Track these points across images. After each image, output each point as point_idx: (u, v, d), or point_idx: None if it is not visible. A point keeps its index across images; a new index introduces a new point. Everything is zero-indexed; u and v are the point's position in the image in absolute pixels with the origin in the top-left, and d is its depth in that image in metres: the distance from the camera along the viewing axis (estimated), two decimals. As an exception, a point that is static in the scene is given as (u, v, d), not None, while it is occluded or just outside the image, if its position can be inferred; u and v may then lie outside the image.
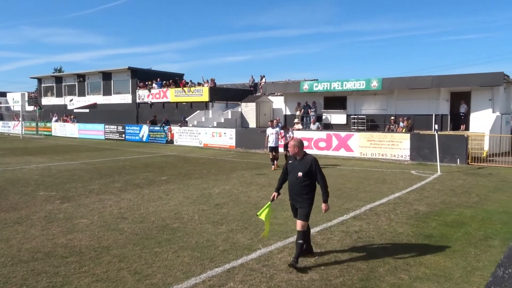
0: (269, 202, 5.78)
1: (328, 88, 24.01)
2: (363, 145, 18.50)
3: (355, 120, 23.94)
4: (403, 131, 19.54)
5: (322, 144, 19.61)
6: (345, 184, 11.94)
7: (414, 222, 7.75)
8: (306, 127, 23.92)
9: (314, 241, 6.52)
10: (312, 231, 7.10)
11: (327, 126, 24.72)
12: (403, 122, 20.33)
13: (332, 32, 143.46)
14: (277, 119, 20.01)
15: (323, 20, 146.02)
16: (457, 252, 6.07)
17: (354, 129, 23.11)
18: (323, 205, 5.61)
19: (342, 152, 18.97)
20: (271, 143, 15.56)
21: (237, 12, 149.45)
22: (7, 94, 51.34)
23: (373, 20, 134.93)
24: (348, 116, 24.75)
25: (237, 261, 5.65)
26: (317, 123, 23.28)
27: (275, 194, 5.93)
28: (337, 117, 25.25)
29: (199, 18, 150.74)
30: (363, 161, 17.59)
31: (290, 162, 5.85)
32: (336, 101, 25.27)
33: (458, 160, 16.09)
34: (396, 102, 23.17)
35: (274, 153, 15.37)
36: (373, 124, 23.71)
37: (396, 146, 17.63)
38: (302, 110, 25.41)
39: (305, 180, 5.57)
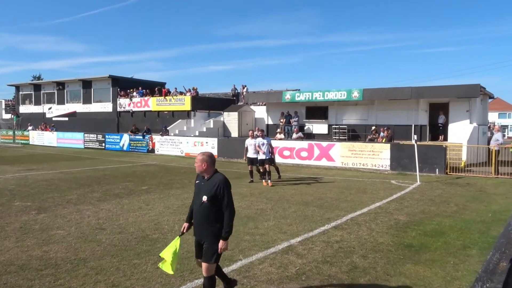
0: (178, 237, 4.54)
1: (310, 98, 24.20)
2: (345, 154, 18.63)
3: (336, 130, 24.15)
4: (383, 141, 19.78)
5: (304, 154, 19.68)
6: (326, 193, 11.98)
7: (394, 231, 7.80)
8: (288, 136, 24.01)
9: (296, 251, 6.50)
10: (293, 241, 7.10)
11: (309, 136, 24.86)
12: (383, 132, 20.59)
13: (314, 43, 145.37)
14: (258, 128, 19.50)
15: (305, 31, 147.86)
16: (436, 261, 6.12)
17: (335, 139, 23.30)
18: (220, 243, 4.28)
19: (324, 162, 19.06)
20: (264, 155, 13.84)
21: (219, 22, 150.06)
22: (-17, 101, 50.15)
23: (355, 32, 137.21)
24: (329, 126, 24.96)
25: (217, 273, 5.56)
26: (299, 133, 23.40)
27: (186, 225, 4.63)
28: (319, 127, 25.44)
29: (181, 27, 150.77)
30: (344, 171, 17.70)
31: (197, 182, 4.57)
32: (317, 111, 25.48)
33: (437, 170, 16.34)
34: (377, 112, 23.48)
35: (265, 166, 13.71)
36: (354, 134, 23.94)
37: (376, 156, 17.81)
38: (284, 119, 25.52)
39: (211, 206, 4.31)
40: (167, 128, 27.21)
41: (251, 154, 14.25)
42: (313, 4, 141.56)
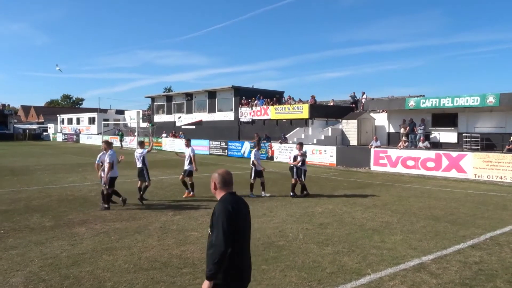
0: None
1: (437, 105, 22.55)
2: (478, 166, 16.98)
3: (467, 139, 22.13)
4: (526, 151, 17.57)
5: (431, 164, 18.41)
6: (459, 208, 11.04)
7: (546, 256, 6.87)
8: (411, 145, 22.72)
9: (429, 270, 6.10)
10: (425, 258, 6.69)
11: (436, 145, 23.19)
12: (526, 142, 18.31)
13: (439, 44, 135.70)
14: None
15: (428, 32, 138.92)
16: None
17: (466, 148, 21.37)
18: (204, 284, 3.20)
19: (453, 173, 17.60)
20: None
21: (335, 28, 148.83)
22: (125, 112, 56.98)
23: (486, 29, 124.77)
24: (459, 134, 22.98)
25: (346, 286, 5.49)
26: (426, 142, 21.98)
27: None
28: (447, 136, 23.57)
29: (297, 35, 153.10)
30: (478, 184, 16.13)
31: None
32: (445, 118, 23.63)
33: None
34: (517, 119, 20.99)
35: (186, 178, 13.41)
36: (488, 144, 21.69)
37: (517, 168, 15.89)
38: (408, 127, 24.20)
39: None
40: (286, 136, 27.74)
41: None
42: (438, 3, 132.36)
